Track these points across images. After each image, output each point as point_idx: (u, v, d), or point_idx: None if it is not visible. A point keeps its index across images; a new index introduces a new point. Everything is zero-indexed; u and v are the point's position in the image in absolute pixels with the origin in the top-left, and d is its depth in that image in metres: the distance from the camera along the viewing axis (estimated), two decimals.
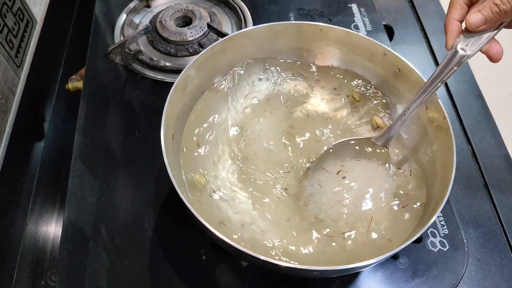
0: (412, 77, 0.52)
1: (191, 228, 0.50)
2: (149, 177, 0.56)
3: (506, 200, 0.55)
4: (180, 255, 0.50)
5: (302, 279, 0.49)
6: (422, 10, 0.77)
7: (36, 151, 0.62)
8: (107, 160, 0.57)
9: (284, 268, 0.40)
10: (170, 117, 0.48)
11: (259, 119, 0.57)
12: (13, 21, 0.61)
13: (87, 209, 0.53)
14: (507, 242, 0.52)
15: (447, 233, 0.51)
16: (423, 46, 0.72)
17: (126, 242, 0.51)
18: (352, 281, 0.49)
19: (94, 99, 0.63)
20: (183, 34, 0.66)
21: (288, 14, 0.75)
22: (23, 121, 0.61)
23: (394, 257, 0.50)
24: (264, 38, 0.57)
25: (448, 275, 0.49)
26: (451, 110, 0.64)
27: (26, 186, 0.59)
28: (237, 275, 0.49)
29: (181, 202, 0.41)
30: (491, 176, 0.57)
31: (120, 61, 0.63)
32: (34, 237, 0.56)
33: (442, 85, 0.46)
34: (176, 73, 0.63)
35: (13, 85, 0.61)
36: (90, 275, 0.48)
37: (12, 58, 0.61)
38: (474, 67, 0.69)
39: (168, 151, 0.45)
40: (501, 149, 0.60)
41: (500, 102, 1.25)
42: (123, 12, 0.72)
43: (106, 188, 0.55)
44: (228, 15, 0.73)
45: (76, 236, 0.51)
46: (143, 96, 0.64)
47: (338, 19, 0.74)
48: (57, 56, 0.72)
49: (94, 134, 0.59)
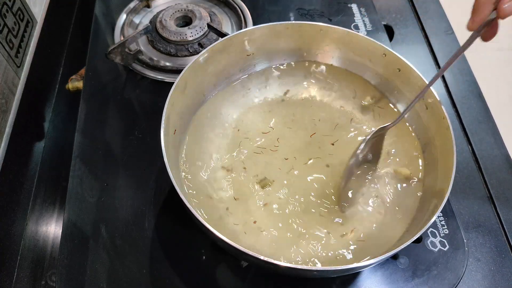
0: (412, 77, 0.52)
1: (191, 228, 0.50)
2: (149, 177, 0.56)
3: (506, 200, 0.55)
4: (180, 255, 0.50)
5: (302, 279, 0.49)
6: (422, 10, 0.77)
7: (36, 151, 0.62)
8: (107, 160, 0.57)
9: (284, 268, 0.40)
10: (171, 117, 0.48)
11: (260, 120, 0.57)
12: (13, 21, 0.61)
13: (87, 209, 0.53)
14: (507, 242, 0.52)
15: (447, 233, 0.51)
16: (423, 46, 0.72)
17: (126, 242, 0.51)
18: (352, 281, 0.49)
19: (94, 99, 0.63)
20: (183, 34, 0.66)
21: (288, 14, 0.75)
22: (23, 121, 0.61)
23: (394, 257, 0.50)
24: (264, 38, 0.57)
25: (448, 275, 0.49)
26: (451, 110, 0.64)
27: (26, 186, 0.58)
28: (237, 275, 0.49)
29: (181, 202, 0.41)
30: (491, 176, 0.57)
31: (120, 61, 0.63)
32: (34, 237, 0.56)
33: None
34: (176, 73, 0.63)
35: (13, 85, 0.61)
36: (90, 275, 0.48)
37: (12, 58, 0.61)
38: (474, 67, 0.69)
39: (168, 151, 0.45)
40: (501, 149, 0.60)
41: (500, 102, 1.25)
42: (123, 12, 0.72)
43: (106, 188, 0.55)
44: (228, 15, 0.73)
45: (76, 236, 0.51)
46: (143, 96, 0.64)
47: (338, 19, 0.74)
48: (57, 56, 0.72)
49: (94, 134, 0.59)
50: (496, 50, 1.41)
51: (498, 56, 1.40)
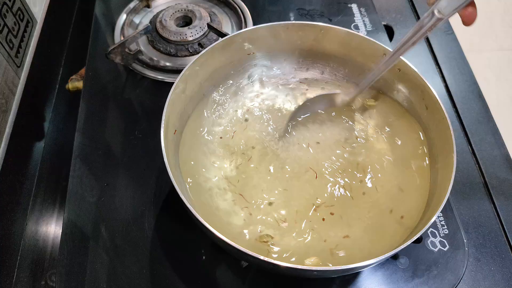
0: (412, 77, 0.52)
1: (191, 228, 0.50)
2: (149, 177, 0.56)
3: (506, 200, 0.55)
4: (180, 255, 0.50)
5: (302, 279, 0.49)
6: (422, 10, 0.77)
7: (36, 151, 0.62)
8: (107, 160, 0.57)
9: (284, 268, 0.40)
10: (170, 117, 0.48)
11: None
12: (13, 21, 0.61)
13: (87, 209, 0.53)
14: (507, 242, 0.52)
15: (447, 233, 0.51)
16: (423, 46, 0.72)
17: (126, 242, 0.51)
18: (352, 281, 0.49)
19: (94, 99, 0.63)
20: (183, 34, 0.66)
21: (288, 14, 0.75)
22: (23, 121, 0.61)
23: (394, 257, 0.50)
24: (264, 38, 0.57)
25: (448, 275, 0.49)
26: (451, 110, 0.64)
27: (26, 186, 0.59)
28: (237, 275, 0.49)
29: (181, 202, 0.41)
30: (491, 176, 0.57)
31: (120, 61, 0.63)
32: (34, 237, 0.56)
33: (413, 47, 0.45)
34: (176, 73, 0.63)
35: (13, 85, 0.61)
36: (90, 275, 0.48)
37: (12, 58, 0.61)
38: (474, 67, 0.69)
39: (168, 151, 0.45)
40: (501, 149, 0.60)
41: (500, 102, 1.25)
42: (123, 12, 0.72)
43: (106, 188, 0.55)
44: (228, 15, 0.73)
45: (76, 236, 0.51)
46: (143, 96, 0.64)
47: (338, 19, 0.74)
48: (57, 56, 0.72)
49: (94, 134, 0.59)
50: (496, 50, 1.41)
51: (498, 56, 1.40)
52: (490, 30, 1.44)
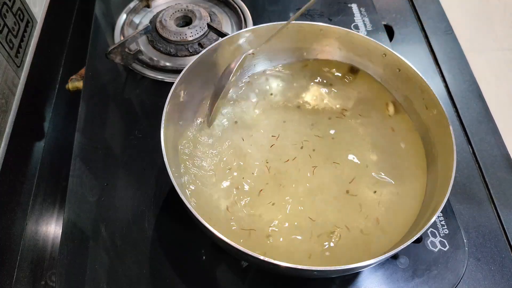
0: (412, 77, 0.52)
1: (191, 228, 0.50)
2: (149, 177, 0.56)
3: (506, 200, 0.55)
4: (180, 255, 0.50)
5: (302, 279, 0.49)
6: (422, 10, 0.77)
7: (36, 151, 0.62)
8: (107, 160, 0.57)
9: (284, 268, 0.40)
10: (171, 117, 0.48)
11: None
12: (13, 21, 0.61)
13: (87, 209, 0.53)
14: (507, 242, 0.52)
15: (447, 233, 0.51)
16: (423, 46, 0.72)
17: (126, 242, 0.51)
18: (352, 281, 0.49)
19: (94, 99, 0.63)
20: (183, 34, 0.66)
21: (288, 14, 0.75)
22: (23, 121, 0.61)
23: (394, 257, 0.50)
24: (264, 38, 0.56)
25: (448, 275, 0.49)
26: (451, 110, 0.64)
27: (26, 185, 0.59)
28: (237, 275, 0.49)
29: (181, 202, 0.41)
30: (491, 176, 0.57)
31: (120, 61, 0.63)
32: (34, 237, 0.56)
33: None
34: (176, 73, 0.63)
35: (13, 85, 0.61)
36: (90, 275, 0.48)
37: (12, 58, 0.61)
38: (474, 67, 0.69)
39: (168, 151, 0.45)
40: (501, 149, 0.60)
41: (500, 102, 1.25)
42: (123, 12, 0.72)
43: (106, 188, 0.55)
44: (228, 15, 0.73)
45: (76, 236, 0.51)
46: (143, 96, 0.64)
47: (338, 19, 0.74)
48: (57, 56, 0.72)
49: (94, 134, 0.59)
50: (496, 50, 1.41)
51: (498, 56, 1.40)
52: (490, 30, 1.44)
